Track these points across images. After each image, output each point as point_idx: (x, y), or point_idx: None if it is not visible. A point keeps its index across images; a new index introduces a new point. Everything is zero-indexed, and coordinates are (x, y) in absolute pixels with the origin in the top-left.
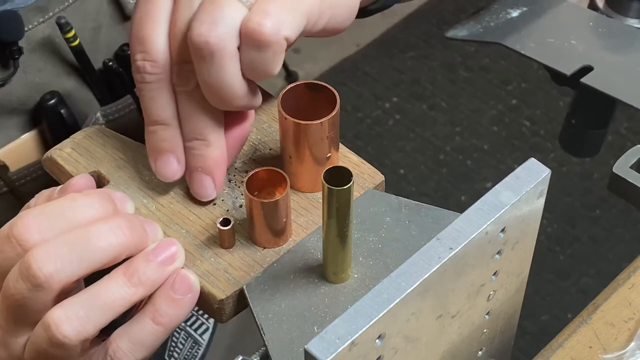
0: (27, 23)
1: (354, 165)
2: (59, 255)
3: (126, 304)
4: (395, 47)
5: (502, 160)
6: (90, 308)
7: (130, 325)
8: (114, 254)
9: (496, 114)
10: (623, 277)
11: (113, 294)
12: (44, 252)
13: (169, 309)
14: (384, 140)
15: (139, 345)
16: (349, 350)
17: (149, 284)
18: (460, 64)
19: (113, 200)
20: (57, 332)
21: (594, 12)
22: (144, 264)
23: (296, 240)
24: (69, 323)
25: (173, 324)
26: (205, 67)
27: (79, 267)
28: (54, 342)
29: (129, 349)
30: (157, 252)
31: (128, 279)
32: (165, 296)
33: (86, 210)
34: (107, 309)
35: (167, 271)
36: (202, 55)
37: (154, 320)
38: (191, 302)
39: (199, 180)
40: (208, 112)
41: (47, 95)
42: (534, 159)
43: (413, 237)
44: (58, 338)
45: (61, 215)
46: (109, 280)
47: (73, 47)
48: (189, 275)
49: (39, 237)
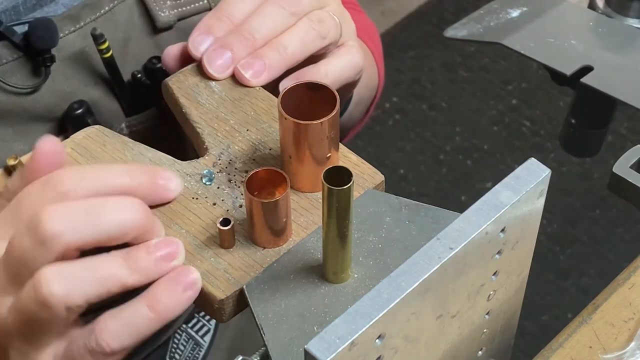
0: (59, 32)
1: (354, 165)
2: (71, 216)
3: (118, 284)
4: (395, 47)
5: (502, 160)
6: (84, 276)
7: (124, 308)
8: (123, 231)
9: (496, 114)
10: (623, 277)
11: (108, 270)
12: (57, 210)
13: (168, 299)
14: (384, 140)
15: (128, 329)
16: (349, 350)
17: (145, 274)
18: (460, 64)
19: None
20: (45, 288)
21: (594, 12)
22: (144, 254)
23: (296, 240)
24: (59, 282)
25: (168, 315)
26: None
27: (86, 234)
28: (40, 299)
29: (117, 330)
30: (159, 247)
31: (126, 261)
32: (166, 286)
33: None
34: (99, 283)
35: (164, 267)
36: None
37: (150, 307)
38: (190, 298)
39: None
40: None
41: (75, 104)
42: (534, 159)
43: (413, 237)
44: (45, 295)
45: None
46: (107, 257)
47: (105, 58)
48: (194, 272)
49: (73, 185)
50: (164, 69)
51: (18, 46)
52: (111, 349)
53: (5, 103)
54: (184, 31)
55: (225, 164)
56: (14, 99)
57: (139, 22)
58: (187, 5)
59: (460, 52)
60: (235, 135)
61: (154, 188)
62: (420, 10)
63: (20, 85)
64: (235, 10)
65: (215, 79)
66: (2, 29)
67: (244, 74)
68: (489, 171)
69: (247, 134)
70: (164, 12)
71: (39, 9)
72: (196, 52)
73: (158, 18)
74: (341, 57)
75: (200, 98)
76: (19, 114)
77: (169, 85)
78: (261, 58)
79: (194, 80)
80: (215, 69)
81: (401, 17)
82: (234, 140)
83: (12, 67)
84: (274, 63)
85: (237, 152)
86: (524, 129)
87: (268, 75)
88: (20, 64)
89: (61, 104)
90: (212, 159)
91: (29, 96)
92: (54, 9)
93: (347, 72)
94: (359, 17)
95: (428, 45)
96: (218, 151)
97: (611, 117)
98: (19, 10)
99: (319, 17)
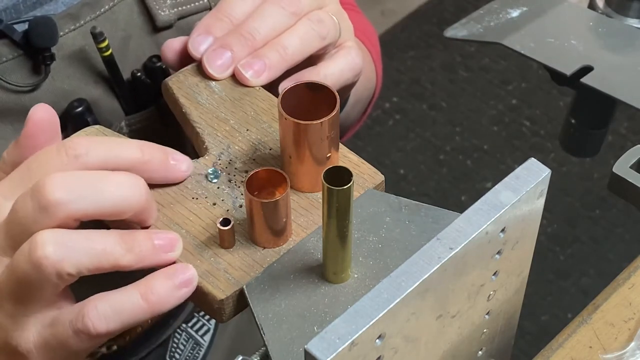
0: (59, 30)
1: (354, 165)
2: (75, 186)
3: (111, 262)
4: (395, 47)
5: (502, 160)
6: (79, 246)
7: (115, 292)
8: (123, 207)
9: (496, 114)
10: (623, 277)
11: (104, 245)
12: (61, 178)
13: (162, 291)
14: (384, 140)
15: (116, 314)
16: (349, 350)
17: (140, 257)
18: (460, 64)
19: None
20: (40, 250)
21: (594, 12)
22: (142, 238)
23: (296, 240)
24: (55, 246)
25: (158, 307)
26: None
27: (87, 205)
28: (33, 260)
29: (105, 313)
30: (158, 235)
31: (123, 240)
32: (163, 277)
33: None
34: (94, 255)
35: (161, 256)
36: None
37: (143, 295)
38: (183, 296)
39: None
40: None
41: (75, 103)
42: (534, 159)
43: (413, 237)
44: (39, 256)
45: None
46: (105, 233)
47: (104, 56)
48: (192, 270)
49: (86, 149)
50: (163, 68)
51: (18, 44)
52: (97, 331)
53: (5, 101)
54: (183, 30)
55: (225, 164)
56: (14, 97)
57: (139, 21)
58: (187, 5)
59: (460, 52)
60: (235, 135)
61: (164, 165)
62: (420, 10)
63: (21, 83)
64: (235, 10)
65: (215, 78)
66: (3, 27)
67: (244, 74)
68: (489, 171)
69: (247, 134)
70: (164, 11)
71: (39, 7)
72: (196, 52)
73: (158, 17)
74: (340, 59)
75: (200, 98)
76: (19, 112)
77: (169, 85)
78: (261, 58)
79: (194, 80)
80: (215, 68)
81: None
82: (234, 140)
83: (12, 65)
84: (274, 63)
85: (237, 152)
86: (524, 129)
87: (268, 75)
88: (21, 62)
89: (61, 102)
90: (212, 159)
91: (29, 94)
92: (54, 8)
93: (346, 73)
94: (356, 17)
95: (428, 45)
96: (218, 151)
97: (611, 117)
98: (19, 9)
99: (319, 17)
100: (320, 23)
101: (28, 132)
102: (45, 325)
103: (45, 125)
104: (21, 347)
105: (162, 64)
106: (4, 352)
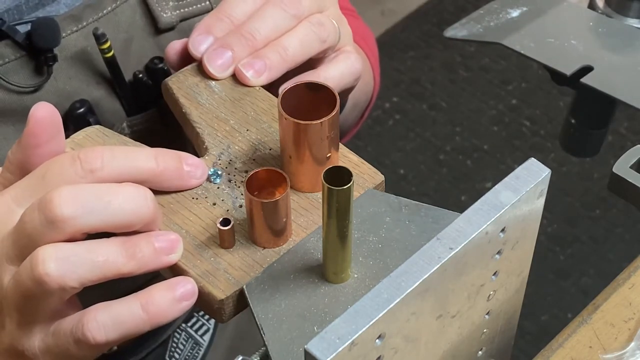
0: (61, 31)
1: (354, 165)
2: (84, 201)
3: (114, 271)
4: (395, 47)
5: (502, 160)
6: (81, 260)
7: (115, 303)
8: (131, 221)
9: (496, 114)
10: (623, 277)
11: (106, 255)
12: (70, 193)
13: (163, 302)
14: (384, 140)
15: (116, 324)
16: (349, 350)
17: (142, 263)
18: (460, 64)
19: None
20: (42, 266)
21: (594, 12)
22: (143, 243)
23: (296, 240)
24: (56, 263)
25: (158, 319)
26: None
27: (95, 220)
28: (35, 276)
29: (104, 323)
30: (158, 237)
31: (124, 248)
32: (164, 289)
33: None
34: (96, 267)
35: (162, 259)
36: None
37: (143, 307)
38: (183, 309)
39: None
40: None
41: (77, 104)
42: (534, 159)
43: (413, 237)
44: (40, 273)
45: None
46: (105, 242)
47: (106, 58)
48: (192, 284)
49: (101, 163)
50: (165, 69)
51: (20, 45)
52: (96, 341)
53: (7, 102)
54: (185, 32)
55: (225, 164)
56: (16, 98)
57: (141, 23)
58: (190, 7)
59: (460, 52)
60: (235, 135)
61: (179, 173)
62: (420, 10)
63: (23, 84)
64: (236, 10)
65: (216, 78)
66: (5, 28)
67: (245, 73)
68: (489, 171)
69: (247, 134)
70: (166, 13)
71: (41, 9)
72: (196, 52)
73: (160, 19)
74: (340, 63)
75: (200, 98)
76: (21, 113)
77: (169, 85)
78: (262, 58)
79: (194, 80)
80: (215, 68)
81: (401, 17)
82: (234, 140)
83: (14, 66)
84: (274, 63)
85: (237, 152)
86: (524, 129)
87: (269, 75)
88: (23, 63)
89: (63, 103)
90: (212, 159)
91: (31, 95)
92: (56, 9)
93: (346, 77)
94: (355, 23)
95: (428, 45)
96: (218, 151)
97: (611, 117)
98: (22, 10)
99: (319, 21)
100: (320, 26)
101: (30, 130)
102: (49, 333)
103: (47, 123)
104: (28, 352)
105: (164, 66)
106: (13, 355)
